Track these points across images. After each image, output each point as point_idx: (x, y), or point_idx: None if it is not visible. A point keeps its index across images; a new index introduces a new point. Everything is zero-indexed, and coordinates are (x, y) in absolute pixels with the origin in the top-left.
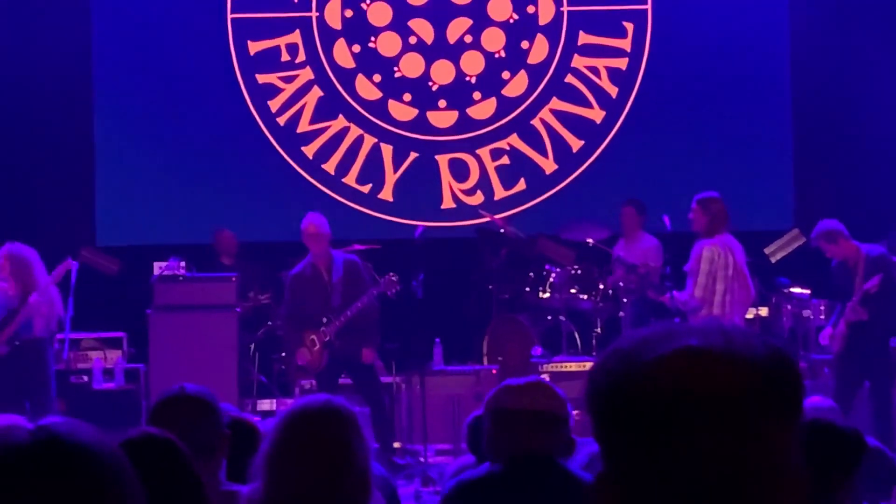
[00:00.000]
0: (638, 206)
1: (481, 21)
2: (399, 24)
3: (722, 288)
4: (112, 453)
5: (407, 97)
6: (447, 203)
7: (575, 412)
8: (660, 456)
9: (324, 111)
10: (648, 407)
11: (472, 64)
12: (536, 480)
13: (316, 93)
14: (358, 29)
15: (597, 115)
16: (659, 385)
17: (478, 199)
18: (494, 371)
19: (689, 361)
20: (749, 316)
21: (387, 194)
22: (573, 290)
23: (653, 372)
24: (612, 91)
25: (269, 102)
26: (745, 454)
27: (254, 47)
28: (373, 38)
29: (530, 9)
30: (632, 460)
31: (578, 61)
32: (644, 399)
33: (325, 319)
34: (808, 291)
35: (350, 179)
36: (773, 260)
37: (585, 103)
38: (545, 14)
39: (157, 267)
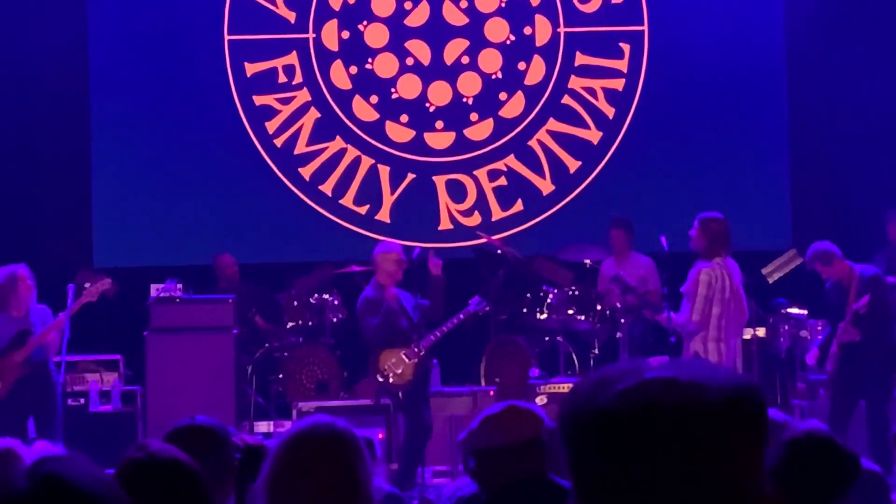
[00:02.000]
0: (626, 226)
1: (478, 42)
2: (396, 46)
3: (718, 311)
4: (109, 491)
5: (404, 118)
6: (444, 224)
7: None
8: (626, 477)
9: (321, 133)
10: (615, 430)
11: (469, 85)
12: (528, 500)
13: (313, 114)
14: (355, 50)
15: (594, 135)
16: (625, 410)
17: (475, 220)
18: (492, 392)
19: (654, 389)
20: (747, 336)
21: (384, 215)
22: (571, 311)
23: (621, 399)
24: (609, 112)
25: (266, 124)
26: (705, 476)
27: (251, 69)
28: (370, 60)
29: (527, 30)
30: (601, 483)
31: (575, 82)
32: (611, 423)
33: (415, 336)
34: (805, 312)
35: (347, 201)
36: (770, 280)
37: (582, 124)
38: (542, 35)
39: (154, 289)
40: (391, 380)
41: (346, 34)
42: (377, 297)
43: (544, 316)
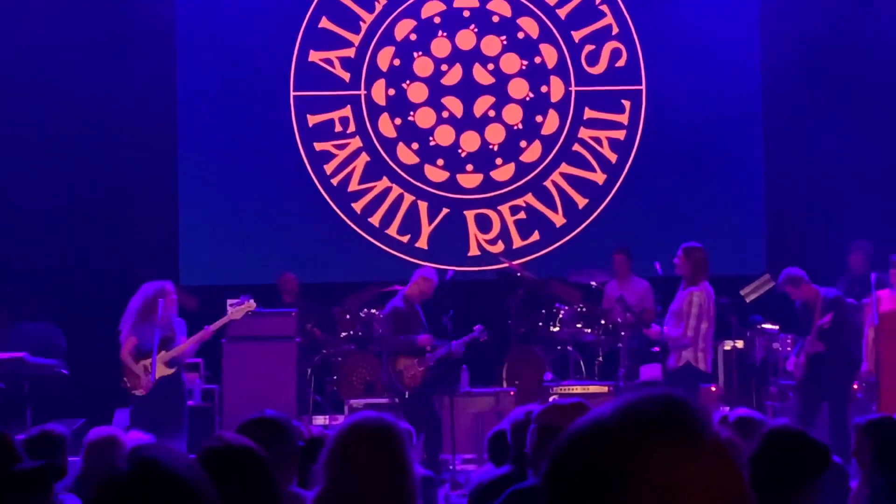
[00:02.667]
0: (627, 253)
1: (502, 99)
2: (434, 101)
3: (706, 327)
4: (196, 474)
5: (440, 162)
6: (473, 251)
7: None
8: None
9: (370, 174)
10: (559, 475)
11: (495, 134)
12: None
13: (364, 158)
14: (399, 105)
15: (599, 177)
16: (565, 449)
17: (499, 247)
18: (512, 393)
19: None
20: (727, 347)
21: (422, 243)
22: (579, 325)
23: (570, 437)
24: (612, 157)
25: (324, 166)
26: (637, 476)
27: (312, 120)
28: (412, 113)
29: (543, 88)
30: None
31: (584, 132)
32: (555, 469)
33: (429, 348)
34: (777, 327)
35: (392, 230)
36: (747, 300)
37: (589, 168)
38: (556, 93)
39: (230, 303)
40: (405, 381)
41: (392, 91)
42: (408, 310)
43: (556, 329)
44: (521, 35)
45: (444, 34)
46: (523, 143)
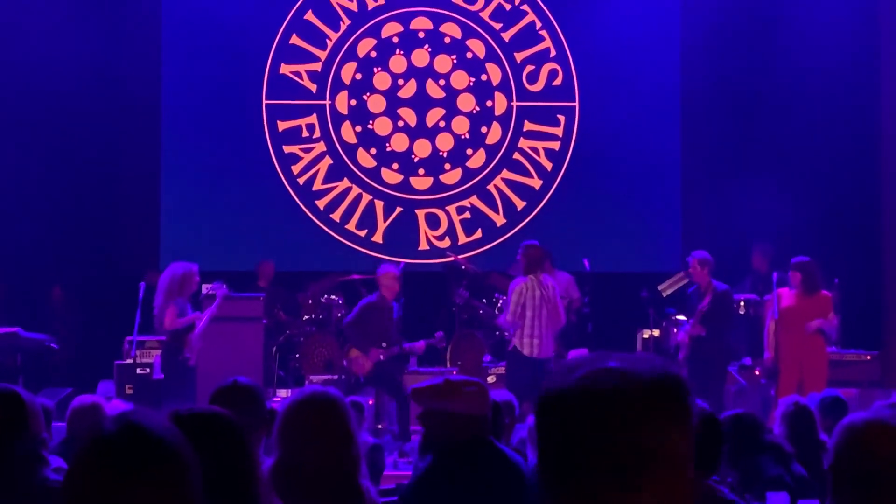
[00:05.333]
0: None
1: (452, 111)
2: (391, 112)
3: (530, 314)
4: (176, 437)
5: (395, 166)
6: (423, 246)
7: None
8: (580, 447)
9: (333, 175)
10: (567, 408)
11: (445, 142)
12: (467, 464)
13: (327, 161)
14: (360, 114)
15: (536, 183)
16: (575, 392)
17: (446, 243)
18: (455, 372)
19: (600, 376)
20: (646, 336)
21: (378, 237)
22: None
23: (574, 383)
24: (548, 165)
25: (292, 167)
26: (643, 446)
27: (282, 125)
28: (371, 122)
29: (488, 103)
30: (560, 454)
31: (523, 143)
32: (564, 402)
33: (384, 344)
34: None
35: (351, 226)
36: (664, 295)
37: (528, 174)
38: (500, 107)
39: (205, 287)
40: (353, 368)
41: (353, 102)
42: (381, 306)
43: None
44: (469, 55)
45: (402, 52)
46: (469, 151)
